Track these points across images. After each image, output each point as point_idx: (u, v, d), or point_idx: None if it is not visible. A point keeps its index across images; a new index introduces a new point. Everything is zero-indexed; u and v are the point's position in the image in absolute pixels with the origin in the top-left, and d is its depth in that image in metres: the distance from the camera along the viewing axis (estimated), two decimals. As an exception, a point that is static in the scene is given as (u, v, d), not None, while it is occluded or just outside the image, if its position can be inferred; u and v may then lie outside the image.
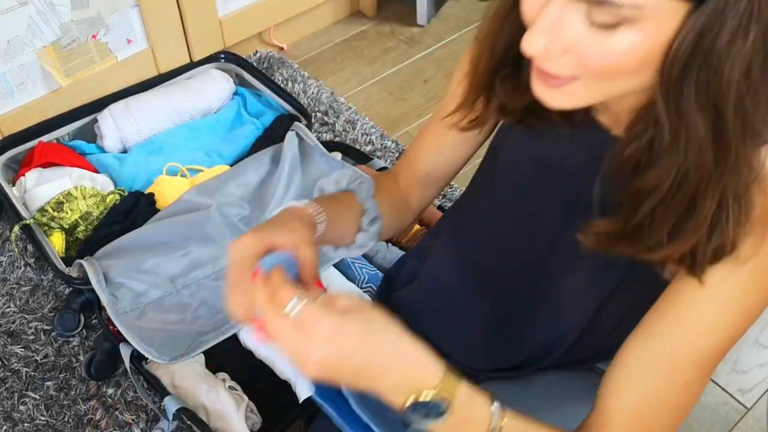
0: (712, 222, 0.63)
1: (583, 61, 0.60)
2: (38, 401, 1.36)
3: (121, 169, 1.60)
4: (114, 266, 1.36)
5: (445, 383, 0.62)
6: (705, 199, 0.62)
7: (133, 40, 1.74)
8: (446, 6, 2.28)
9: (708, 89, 0.57)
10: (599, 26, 0.57)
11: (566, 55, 0.61)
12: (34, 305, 1.50)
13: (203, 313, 1.33)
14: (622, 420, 0.71)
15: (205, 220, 1.45)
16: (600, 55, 0.59)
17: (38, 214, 1.47)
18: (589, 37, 0.58)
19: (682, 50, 0.56)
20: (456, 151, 0.93)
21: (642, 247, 0.67)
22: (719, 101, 0.57)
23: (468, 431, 0.64)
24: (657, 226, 0.65)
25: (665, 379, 0.70)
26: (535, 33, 0.60)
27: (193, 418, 1.19)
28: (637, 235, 0.67)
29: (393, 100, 2.00)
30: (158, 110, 1.68)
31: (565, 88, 0.64)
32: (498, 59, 0.74)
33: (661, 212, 0.65)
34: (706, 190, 0.62)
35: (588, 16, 0.57)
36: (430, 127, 0.93)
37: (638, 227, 0.67)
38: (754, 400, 1.41)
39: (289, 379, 0.77)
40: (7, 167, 1.61)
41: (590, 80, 0.62)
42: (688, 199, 0.63)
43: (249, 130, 1.70)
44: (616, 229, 0.68)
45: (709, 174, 0.61)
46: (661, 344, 0.70)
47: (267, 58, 2.04)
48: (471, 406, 0.64)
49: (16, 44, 1.56)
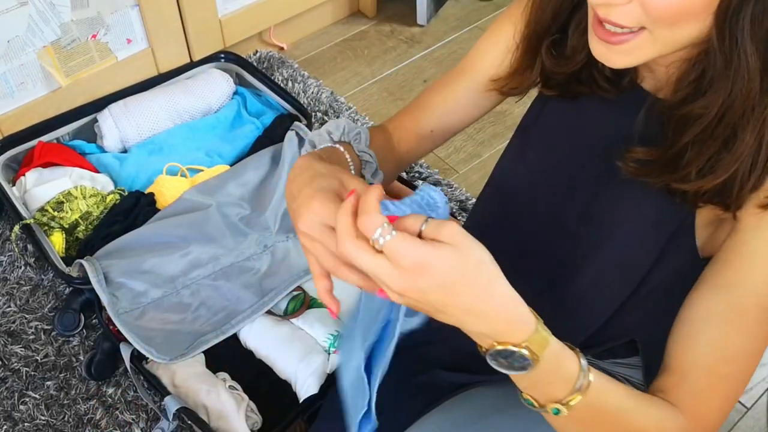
0: (749, 154, 0.64)
1: (650, 5, 0.61)
2: (38, 401, 1.36)
3: (121, 168, 1.60)
4: (114, 266, 1.36)
5: (533, 341, 0.60)
6: (746, 131, 0.63)
7: (133, 39, 1.74)
8: (446, 6, 2.28)
9: (763, 21, 0.58)
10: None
11: (632, 2, 0.62)
12: (34, 305, 1.50)
13: (203, 312, 1.33)
14: (697, 374, 0.71)
15: (206, 220, 1.45)
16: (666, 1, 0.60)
17: (38, 214, 1.47)
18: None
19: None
20: (467, 111, 0.92)
21: (678, 175, 0.68)
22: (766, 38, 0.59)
23: (552, 385, 0.64)
24: (696, 154, 0.66)
25: (734, 329, 0.70)
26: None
27: (194, 418, 1.19)
28: (676, 163, 0.68)
29: (393, 100, 2.00)
30: (158, 110, 1.68)
31: (628, 44, 0.65)
32: (546, 25, 0.75)
33: (702, 140, 0.66)
34: (747, 122, 0.63)
35: None
36: (444, 84, 0.92)
37: (678, 154, 0.68)
38: (753, 399, 1.41)
39: (289, 379, 0.77)
40: (7, 167, 1.61)
41: (655, 29, 0.63)
42: (730, 130, 0.64)
43: (249, 130, 1.70)
44: (656, 156, 0.69)
45: (753, 105, 0.62)
46: (726, 295, 0.70)
47: (267, 58, 2.04)
48: (558, 363, 0.63)
49: (16, 44, 1.56)
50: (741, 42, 0.60)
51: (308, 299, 1.34)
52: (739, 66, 0.61)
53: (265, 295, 1.34)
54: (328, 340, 1.27)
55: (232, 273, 1.38)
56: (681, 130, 0.67)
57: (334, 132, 0.83)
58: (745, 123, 0.63)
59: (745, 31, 0.60)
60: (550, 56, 0.78)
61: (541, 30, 0.77)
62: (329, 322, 1.30)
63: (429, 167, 1.78)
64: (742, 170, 0.65)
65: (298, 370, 1.24)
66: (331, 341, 1.27)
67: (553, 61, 0.78)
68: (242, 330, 1.31)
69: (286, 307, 1.34)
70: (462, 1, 2.30)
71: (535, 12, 0.76)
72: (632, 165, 0.71)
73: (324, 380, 1.23)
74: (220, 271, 1.39)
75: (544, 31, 0.76)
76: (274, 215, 1.48)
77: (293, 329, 1.30)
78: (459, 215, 1.65)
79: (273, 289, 1.34)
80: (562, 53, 0.77)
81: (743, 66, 0.61)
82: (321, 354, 1.25)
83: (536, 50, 0.79)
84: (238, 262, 1.40)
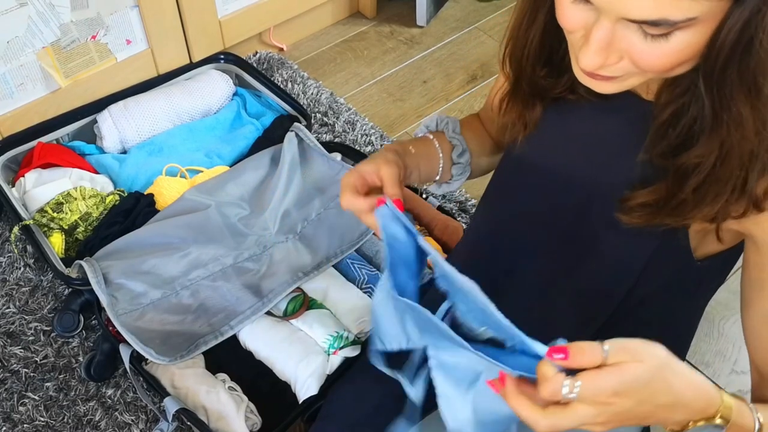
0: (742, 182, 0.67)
1: (641, 65, 0.63)
2: (38, 402, 1.36)
3: (121, 169, 1.60)
4: (113, 267, 1.36)
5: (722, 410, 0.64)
6: (746, 166, 0.66)
7: (132, 40, 1.74)
8: (446, 7, 2.28)
9: (750, 73, 0.60)
10: (654, 36, 0.60)
11: (622, 60, 0.64)
12: (33, 306, 1.49)
13: (203, 313, 1.32)
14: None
15: (205, 222, 1.45)
16: (657, 56, 0.61)
17: (38, 215, 1.47)
18: (645, 46, 0.61)
19: (727, 42, 0.59)
20: None
21: (680, 216, 0.71)
22: (759, 81, 0.60)
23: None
24: (701, 200, 0.69)
25: None
26: (592, 53, 0.63)
27: (193, 419, 1.19)
28: (681, 209, 0.71)
29: (393, 101, 2.00)
30: (158, 111, 1.68)
31: (614, 80, 0.67)
32: (532, 63, 0.78)
33: (707, 187, 0.68)
34: (746, 159, 0.65)
35: (641, 30, 0.60)
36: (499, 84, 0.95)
37: (683, 202, 0.70)
38: (753, 400, 1.41)
39: (288, 380, 0.78)
40: (6, 168, 1.61)
41: (645, 75, 0.65)
42: (731, 171, 0.66)
43: (248, 131, 1.70)
44: (657, 200, 0.72)
45: (751, 147, 0.64)
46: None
47: (267, 59, 2.04)
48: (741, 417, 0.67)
49: (15, 45, 1.56)
50: (731, 94, 0.62)
51: (308, 300, 1.34)
52: (731, 116, 0.63)
53: (264, 296, 1.34)
54: (328, 341, 1.27)
55: (231, 274, 1.38)
56: (682, 177, 0.69)
57: (430, 125, 0.96)
58: (747, 162, 0.65)
59: (734, 85, 0.61)
60: (542, 80, 0.79)
61: (529, 66, 0.78)
62: (329, 323, 1.30)
63: (429, 168, 1.78)
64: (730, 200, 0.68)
65: (298, 370, 1.24)
66: (330, 342, 1.26)
67: (547, 83, 0.79)
68: (242, 331, 1.31)
69: (286, 308, 1.34)
70: (462, 2, 2.30)
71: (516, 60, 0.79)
72: (634, 211, 0.74)
73: (323, 381, 1.23)
74: (219, 272, 1.38)
75: (532, 67, 0.78)
76: (274, 216, 1.48)
77: (293, 330, 1.30)
78: (458, 216, 1.65)
79: (272, 290, 1.34)
80: (554, 71, 0.78)
81: (735, 116, 0.62)
82: (320, 355, 1.25)
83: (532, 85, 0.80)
84: (237, 263, 1.40)
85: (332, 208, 1.50)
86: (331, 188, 1.53)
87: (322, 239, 1.45)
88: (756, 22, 0.57)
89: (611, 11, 0.60)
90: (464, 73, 2.07)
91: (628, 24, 0.60)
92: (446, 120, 0.96)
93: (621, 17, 0.60)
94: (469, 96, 2.01)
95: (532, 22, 0.74)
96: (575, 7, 0.63)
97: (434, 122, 0.96)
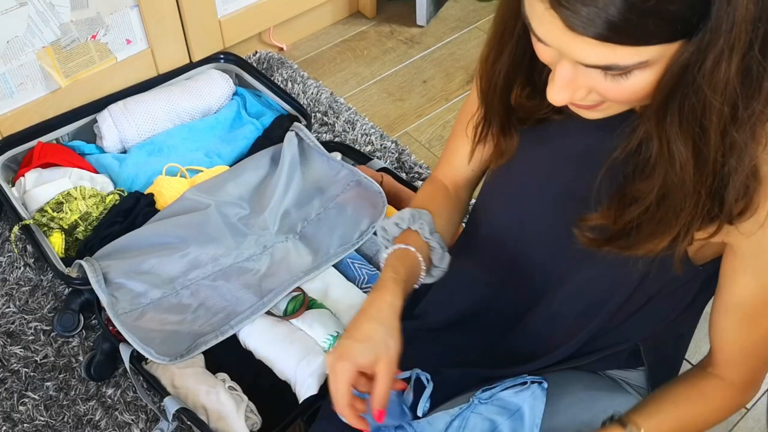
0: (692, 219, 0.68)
1: (607, 97, 0.65)
2: (38, 402, 1.36)
3: (121, 169, 1.60)
4: (113, 267, 1.36)
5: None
6: (685, 210, 0.67)
7: (132, 40, 1.74)
8: (446, 7, 2.28)
9: (690, 116, 0.61)
10: (614, 75, 0.62)
11: (590, 93, 0.66)
12: (33, 305, 1.49)
13: (203, 313, 1.33)
14: (735, 356, 0.83)
15: (205, 221, 1.45)
16: (621, 91, 0.63)
17: (38, 215, 1.47)
18: (607, 82, 0.63)
19: (665, 82, 0.60)
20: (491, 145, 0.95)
21: (625, 248, 0.73)
22: (702, 126, 0.61)
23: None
24: (638, 232, 0.71)
25: (750, 323, 0.79)
26: (557, 90, 0.65)
27: (193, 419, 1.19)
28: (621, 239, 0.73)
29: (392, 101, 2.00)
30: (158, 111, 1.68)
31: (597, 109, 0.69)
32: (500, 95, 0.79)
33: (643, 221, 0.70)
34: (685, 204, 0.66)
35: (600, 70, 0.62)
36: (461, 130, 0.95)
37: (621, 231, 0.72)
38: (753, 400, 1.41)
39: (288, 380, 0.80)
40: (6, 167, 1.61)
41: (618, 103, 0.68)
42: (670, 213, 0.68)
43: (248, 131, 1.70)
44: (604, 225, 0.74)
45: (690, 192, 0.65)
46: (733, 301, 0.78)
47: (267, 59, 2.04)
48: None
49: (15, 45, 1.56)
50: (670, 135, 0.63)
51: (307, 300, 1.34)
52: (671, 159, 0.64)
53: (264, 295, 1.34)
54: (328, 341, 1.27)
55: (231, 273, 1.38)
56: (623, 208, 0.72)
57: (401, 223, 0.91)
58: (684, 205, 0.67)
59: (674, 127, 0.62)
60: (523, 103, 0.80)
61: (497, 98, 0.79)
62: (329, 323, 1.30)
63: (429, 168, 1.78)
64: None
65: (298, 370, 1.23)
66: (330, 342, 1.26)
67: (536, 103, 0.80)
68: (242, 330, 1.31)
69: (286, 308, 1.34)
70: (461, 2, 2.30)
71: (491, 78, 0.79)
72: (587, 235, 0.76)
73: (323, 381, 1.23)
74: (219, 271, 1.38)
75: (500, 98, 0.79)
76: (274, 216, 1.48)
77: (293, 330, 1.30)
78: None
79: (272, 290, 1.34)
80: (542, 92, 0.78)
81: (675, 159, 0.64)
82: (320, 354, 1.25)
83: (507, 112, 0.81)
84: (237, 262, 1.40)
85: (332, 207, 1.50)
86: (331, 188, 1.53)
87: (322, 239, 1.45)
88: (698, 63, 0.58)
89: (565, 55, 0.62)
90: (464, 73, 2.07)
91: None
92: (419, 219, 0.91)
93: (576, 62, 0.62)
94: (468, 96, 2.01)
95: (498, 56, 0.75)
96: (540, 45, 0.65)
97: (406, 221, 0.91)
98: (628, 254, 0.74)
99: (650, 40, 0.57)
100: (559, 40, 0.60)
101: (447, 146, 0.99)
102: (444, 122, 1.94)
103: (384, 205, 1.47)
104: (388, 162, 1.78)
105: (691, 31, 0.57)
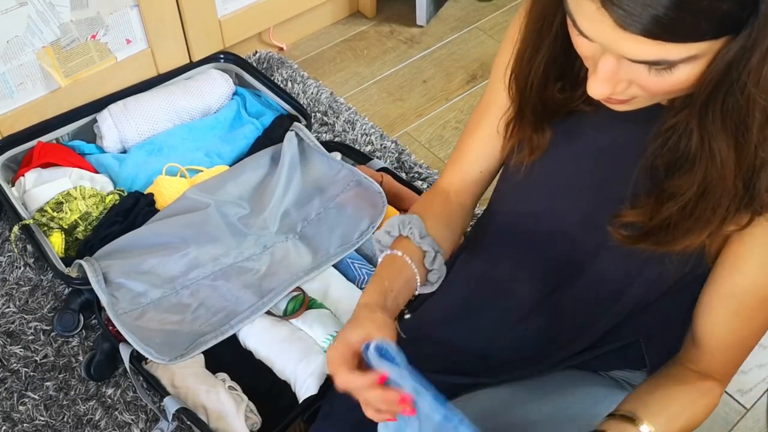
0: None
1: (648, 91, 0.64)
2: (38, 401, 1.36)
3: (121, 169, 1.60)
4: (113, 266, 1.36)
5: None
6: (722, 205, 0.67)
7: (132, 40, 1.73)
8: (446, 6, 2.28)
9: (734, 112, 0.60)
10: (658, 69, 0.61)
11: (630, 86, 0.65)
12: (33, 305, 1.49)
13: (203, 313, 1.33)
14: (722, 348, 0.82)
15: (205, 221, 1.45)
16: (664, 84, 0.62)
17: (37, 215, 1.47)
18: (651, 76, 0.62)
19: (709, 78, 0.60)
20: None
21: (662, 244, 0.73)
22: (745, 123, 0.61)
23: None
24: (675, 228, 0.71)
25: (745, 316, 0.79)
26: (599, 83, 0.65)
27: (193, 419, 1.19)
28: (657, 235, 0.72)
29: (392, 101, 2.00)
30: (158, 110, 1.68)
31: (627, 102, 0.69)
32: (537, 90, 0.78)
33: (681, 217, 0.70)
34: (723, 199, 0.66)
35: (645, 65, 0.61)
36: (476, 125, 0.94)
37: (657, 228, 0.72)
38: (753, 400, 1.41)
39: (288, 379, 0.78)
40: (6, 167, 1.61)
41: (656, 98, 0.67)
42: (708, 208, 0.68)
43: (248, 131, 1.70)
44: (642, 222, 0.73)
45: (729, 188, 0.65)
46: (731, 290, 0.77)
47: (266, 59, 2.04)
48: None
49: (15, 44, 1.56)
50: (711, 132, 0.63)
51: (307, 300, 1.34)
52: (712, 156, 0.64)
53: (264, 295, 1.34)
54: (328, 341, 1.27)
55: (231, 273, 1.38)
56: (660, 204, 0.71)
57: (392, 231, 0.89)
58: (724, 201, 0.67)
59: (716, 124, 0.62)
60: (562, 94, 0.79)
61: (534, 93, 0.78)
62: (328, 323, 1.30)
63: (429, 168, 1.78)
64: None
65: (298, 370, 1.24)
66: (330, 341, 1.26)
67: (567, 96, 0.79)
68: (242, 330, 1.31)
69: (286, 308, 1.34)
70: (461, 2, 2.30)
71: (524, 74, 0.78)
72: (621, 230, 0.76)
73: (323, 380, 1.23)
74: (219, 271, 1.38)
75: (537, 93, 0.78)
76: (274, 216, 1.48)
77: (293, 330, 1.30)
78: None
79: (272, 290, 1.34)
80: (574, 83, 0.77)
81: (715, 156, 0.64)
82: (320, 354, 1.25)
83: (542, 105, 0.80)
84: (237, 262, 1.40)
85: (332, 207, 1.50)
86: (331, 188, 1.53)
87: (322, 239, 1.45)
88: (744, 60, 0.57)
89: (612, 51, 0.61)
90: (464, 73, 2.07)
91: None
92: (409, 224, 0.89)
93: (621, 57, 0.61)
94: (468, 95, 2.01)
95: (536, 52, 0.74)
96: (581, 39, 0.64)
97: (396, 227, 0.89)
98: (664, 251, 0.73)
99: (701, 36, 0.57)
100: (607, 37, 0.59)
101: (457, 149, 0.98)
102: (444, 122, 1.94)
103: (384, 205, 1.47)
104: (388, 162, 1.78)
105: (738, 28, 0.57)
